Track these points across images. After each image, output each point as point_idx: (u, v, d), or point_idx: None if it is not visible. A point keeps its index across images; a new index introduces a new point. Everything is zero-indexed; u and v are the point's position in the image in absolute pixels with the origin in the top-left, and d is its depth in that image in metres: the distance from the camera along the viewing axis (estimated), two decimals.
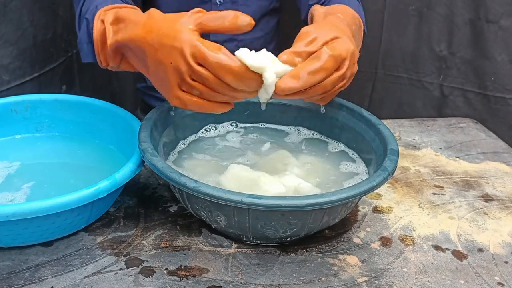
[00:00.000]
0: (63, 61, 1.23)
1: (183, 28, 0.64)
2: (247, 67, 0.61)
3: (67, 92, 1.25)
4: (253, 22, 0.64)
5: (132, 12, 0.73)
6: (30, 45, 1.10)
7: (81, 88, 1.31)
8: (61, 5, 1.17)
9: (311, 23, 0.82)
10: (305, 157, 0.80)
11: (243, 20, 0.64)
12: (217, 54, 0.61)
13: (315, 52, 0.65)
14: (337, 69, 0.66)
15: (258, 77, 0.63)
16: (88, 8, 0.81)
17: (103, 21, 0.74)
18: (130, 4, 0.79)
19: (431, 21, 1.33)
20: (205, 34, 0.65)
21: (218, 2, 1.02)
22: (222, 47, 0.62)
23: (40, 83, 1.15)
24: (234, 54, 0.63)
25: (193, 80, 0.63)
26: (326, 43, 0.66)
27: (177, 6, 1.02)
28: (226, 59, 0.61)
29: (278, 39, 1.17)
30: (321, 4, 0.92)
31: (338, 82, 0.67)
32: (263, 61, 0.62)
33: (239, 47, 1.06)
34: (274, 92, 0.64)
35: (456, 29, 1.30)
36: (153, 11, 0.69)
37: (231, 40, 1.06)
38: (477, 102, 1.33)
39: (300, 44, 0.66)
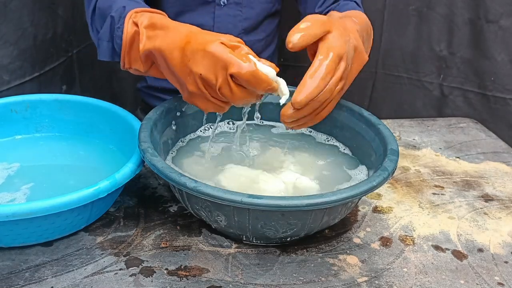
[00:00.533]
0: (63, 61, 1.23)
1: (217, 40, 0.66)
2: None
3: (67, 92, 1.25)
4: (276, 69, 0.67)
5: (171, 21, 0.73)
6: (30, 45, 1.10)
7: (81, 88, 1.31)
8: (61, 5, 1.17)
9: None
10: (304, 156, 0.80)
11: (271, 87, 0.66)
12: (250, 63, 0.64)
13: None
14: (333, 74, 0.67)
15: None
16: (110, 6, 0.80)
17: (135, 24, 0.73)
18: (147, 7, 0.79)
19: (431, 21, 1.33)
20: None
21: (222, 3, 1.02)
22: (251, 55, 0.66)
23: (40, 83, 1.15)
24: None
25: (221, 92, 0.66)
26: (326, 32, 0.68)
27: (180, 5, 1.02)
28: (260, 71, 0.64)
29: (278, 40, 1.17)
30: (327, 12, 0.92)
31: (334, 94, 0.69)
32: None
33: None
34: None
35: (456, 29, 1.30)
36: (194, 27, 0.71)
37: None
38: (477, 102, 1.33)
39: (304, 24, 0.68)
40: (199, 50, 0.65)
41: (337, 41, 0.68)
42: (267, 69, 0.65)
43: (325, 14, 0.89)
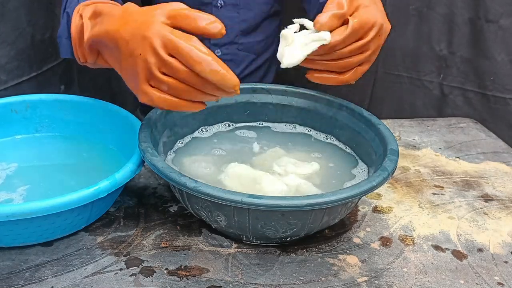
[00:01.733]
0: (62, 61, 1.22)
1: (155, 19, 0.62)
2: (219, 60, 0.60)
3: (66, 92, 1.25)
4: (223, 32, 0.62)
5: (110, 6, 0.71)
6: (28, 45, 1.09)
7: (80, 88, 1.31)
8: (59, 4, 1.17)
9: None
10: (303, 156, 0.80)
11: (215, 26, 0.61)
12: (189, 43, 0.59)
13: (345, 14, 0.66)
14: (360, 38, 0.66)
15: (233, 75, 0.61)
16: (70, 2, 0.79)
17: (81, 16, 0.73)
18: (117, 1, 0.78)
19: (431, 21, 1.33)
20: (205, 38, 0.64)
21: (218, 5, 1.01)
22: (194, 37, 0.60)
23: (38, 83, 1.15)
24: (230, 58, 0.64)
25: (163, 74, 0.61)
26: (354, 9, 0.67)
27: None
28: (198, 49, 0.59)
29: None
30: None
31: (356, 52, 0.67)
32: (302, 53, 0.66)
33: (240, 50, 1.06)
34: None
35: (456, 29, 1.31)
36: (129, 4, 0.67)
37: (232, 44, 1.05)
38: (477, 101, 1.33)
39: (332, 7, 0.66)
40: (137, 36, 0.62)
41: (370, 12, 0.67)
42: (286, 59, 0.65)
43: None
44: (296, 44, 0.67)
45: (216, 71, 0.59)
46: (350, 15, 0.66)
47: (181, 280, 0.64)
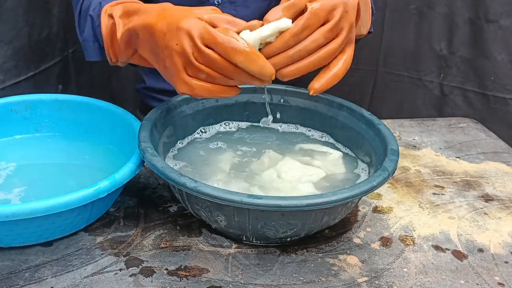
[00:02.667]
0: (59, 61, 1.22)
1: (194, 14, 0.64)
2: (257, 51, 0.62)
3: (63, 91, 1.25)
4: (260, 22, 0.64)
5: (143, 4, 0.72)
6: (25, 45, 1.10)
7: (78, 87, 1.31)
8: (56, 4, 1.17)
9: None
10: (304, 157, 0.80)
11: (252, 24, 0.64)
12: (227, 35, 0.61)
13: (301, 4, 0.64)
14: (326, 22, 0.63)
15: (269, 63, 0.63)
16: (89, 6, 0.80)
17: (111, 16, 0.73)
18: None
19: (431, 20, 1.33)
20: None
21: (216, 2, 1.02)
22: (230, 29, 0.62)
23: (36, 82, 1.15)
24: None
25: (200, 63, 0.63)
26: None
27: (176, 5, 1.02)
28: (236, 40, 0.61)
29: None
30: None
31: (327, 36, 0.64)
32: (258, 32, 0.63)
33: None
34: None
35: (456, 28, 1.31)
36: (166, 4, 0.69)
37: None
38: (477, 101, 1.33)
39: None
40: (173, 27, 0.64)
41: None
42: (255, 34, 0.63)
43: None
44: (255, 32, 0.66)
45: (254, 61, 0.61)
46: (309, 1, 0.64)
47: (181, 280, 0.64)
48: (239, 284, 0.64)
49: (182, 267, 0.66)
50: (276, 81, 0.69)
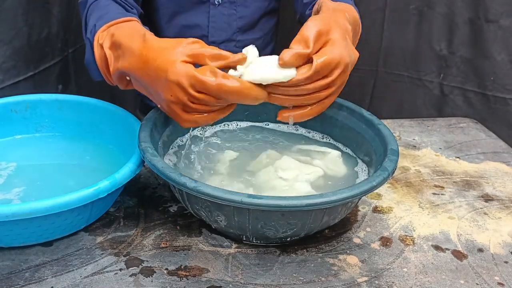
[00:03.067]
0: (59, 61, 1.22)
1: (176, 59, 0.64)
2: (248, 84, 0.64)
3: (63, 91, 1.25)
4: (245, 56, 0.65)
5: (127, 34, 0.71)
6: (24, 44, 1.09)
7: (77, 87, 1.31)
8: (56, 4, 1.17)
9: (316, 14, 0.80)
10: (303, 157, 0.80)
11: (235, 57, 0.65)
12: (216, 79, 0.62)
13: (310, 53, 0.65)
14: (325, 76, 0.65)
15: (261, 90, 0.65)
16: (88, 23, 0.80)
17: (102, 46, 0.74)
18: (118, 16, 0.78)
19: (431, 20, 1.33)
20: (203, 35, 0.65)
21: (216, 2, 1.02)
22: (217, 70, 0.63)
23: (35, 82, 1.15)
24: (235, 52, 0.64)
25: (196, 104, 0.65)
26: (322, 44, 0.66)
27: (175, 5, 1.02)
28: (226, 82, 0.63)
29: (277, 39, 1.17)
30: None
31: (323, 88, 0.66)
32: (263, 74, 0.64)
33: (238, 47, 1.06)
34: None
35: (456, 28, 1.31)
36: (148, 36, 0.69)
37: (230, 41, 1.06)
38: (477, 101, 1.33)
39: (297, 46, 0.65)
40: (161, 77, 0.65)
41: (336, 50, 0.66)
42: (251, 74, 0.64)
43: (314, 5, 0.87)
44: (259, 63, 0.66)
45: (247, 96, 0.64)
46: (316, 52, 0.65)
47: (181, 280, 0.64)
48: (239, 284, 0.64)
49: (182, 267, 0.66)
50: None
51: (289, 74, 0.64)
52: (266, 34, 1.11)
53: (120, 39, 0.71)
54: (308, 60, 0.65)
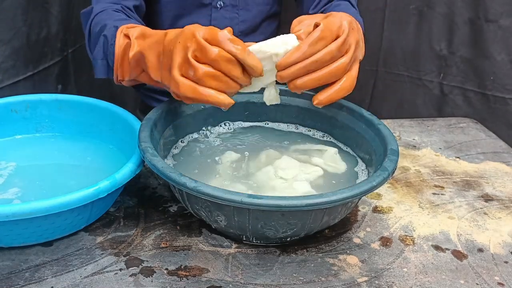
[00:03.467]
0: (58, 61, 1.22)
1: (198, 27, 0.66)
2: (248, 50, 0.66)
3: (63, 91, 1.25)
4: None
5: (158, 30, 0.74)
6: (23, 44, 1.10)
7: (77, 87, 1.31)
8: (56, 4, 1.17)
9: None
10: (302, 156, 0.80)
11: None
12: (227, 34, 0.64)
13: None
14: (335, 38, 0.66)
15: (259, 61, 0.66)
16: (102, 27, 0.83)
17: (127, 36, 0.76)
18: (138, 23, 0.82)
19: (431, 20, 1.33)
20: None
21: (218, 6, 1.02)
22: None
23: (34, 82, 1.15)
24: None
25: (196, 61, 0.64)
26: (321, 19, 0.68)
27: (178, 8, 1.02)
28: (233, 44, 0.64)
29: None
30: (322, 12, 0.92)
31: (340, 50, 0.67)
32: (271, 47, 0.67)
33: None
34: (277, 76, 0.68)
35: (456, 28, 1.31)
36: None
37: None
38: (477, 101, 1.34)
39: (298, 27, 0.68)
40: (179, 30, 0.67)
41: (335, 16, 0.68)
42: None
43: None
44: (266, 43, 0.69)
45: (252, 57, 0.65)
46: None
47: (181, 280, 0.64)
48: (239, 284, 0.64)
49: (182, 267, 0.66)
50: (277, 82, 0.69)
51: (290, 44, 0.66)
52: (268, 37, 1.10)
53: (151, 32, 0.74)
54: None
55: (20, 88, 1.11)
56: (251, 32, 1.07)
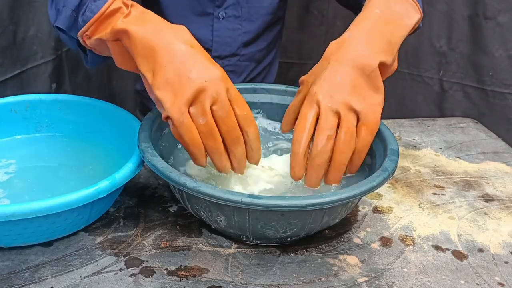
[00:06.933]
0: (52, 59, 1.22)
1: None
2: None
3: (57, 90, 1.25)
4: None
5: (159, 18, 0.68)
6: (10, 43, 1.09)
7: (72, 87, 1.31)
8: (45, 2, 1.17)
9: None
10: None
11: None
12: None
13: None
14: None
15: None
16: None
17: (125, 4, 0.66)
18: None
19: (431, 18, 1.34)
20: (207, 49, 0.63)
21: (220, 16, 0.99)
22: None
23: (23, 80, 1.15)
24: None
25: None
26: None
27: (178, 15, 1.00)
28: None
29: (280, 43, 1.15)
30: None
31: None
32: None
33: (242, 61, 1.05)
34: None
35: (455, 25, 1.32)
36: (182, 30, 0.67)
37: (234, 55, 1.04)
38: (476, 96, 1.35)
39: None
40: (209, 66, 0.63)
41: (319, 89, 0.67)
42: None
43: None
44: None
45: (257, 137, 0.66)
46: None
47: (181, 281, 0.64)
48: (239, 284, 0.64)
49: (182, 267, 0.66)
50: (277, 82, 0.69)
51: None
52: (270, 42, 1.09)
53: (152, 15, 0.68)
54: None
55: (8, 86, 1.11)
56: (253, 42, 1.05)
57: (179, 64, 0.62)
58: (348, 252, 0.70)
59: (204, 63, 0.63)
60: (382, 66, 0.68)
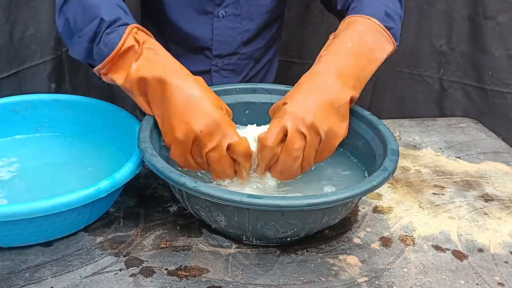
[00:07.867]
0: (51, 59, 1.22)
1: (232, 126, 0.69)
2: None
3: (57, 90, 1.25)
4: None
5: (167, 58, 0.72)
6: (6, 42, 1.09)
7: (72, 87, 1.30)
8: (45, 2, 1.16)
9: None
10: None
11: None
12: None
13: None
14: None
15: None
16: (98, 5, 0.73)
17: (137, 40, 0.71)
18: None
19: (431, 17, 1.34)
20: (207, 48, 0.65)
21: (220, 15, 0.99)
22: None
23: (19, 79, 1.15)
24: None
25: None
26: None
27: (178, 12, 0.99)
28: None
29: (280, 41, 1.15)
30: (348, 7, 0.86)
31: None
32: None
33: (242, 60, 1.05)
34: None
35: (455, 25, 1.32)
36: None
37: (234, 54, 1.04)
38: (476, 96, 1.35)
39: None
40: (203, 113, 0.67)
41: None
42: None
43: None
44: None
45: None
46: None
47: (181, 281, 0.64)
48: (239, 284, 0.64)
49: (182, 267, 0.66)
50: (277, 82, 0.69)
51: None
52: (269, 40, 1.08)
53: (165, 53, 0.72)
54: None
55: (5, 85, 1.10)
56: (252, 41, 1.05)
57: (183, 111, 0.67)
58: (348, 252, 0.70)
59: (206, 110, 0.67)
60: (350, 100, 0.72)
